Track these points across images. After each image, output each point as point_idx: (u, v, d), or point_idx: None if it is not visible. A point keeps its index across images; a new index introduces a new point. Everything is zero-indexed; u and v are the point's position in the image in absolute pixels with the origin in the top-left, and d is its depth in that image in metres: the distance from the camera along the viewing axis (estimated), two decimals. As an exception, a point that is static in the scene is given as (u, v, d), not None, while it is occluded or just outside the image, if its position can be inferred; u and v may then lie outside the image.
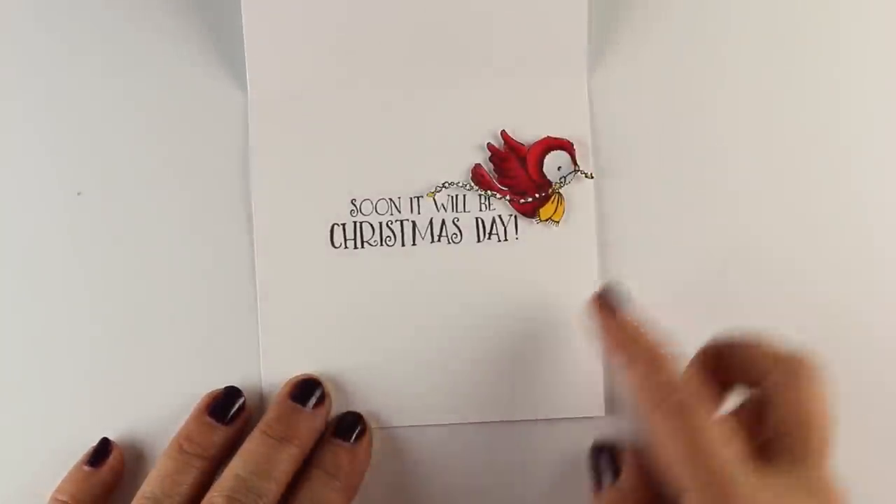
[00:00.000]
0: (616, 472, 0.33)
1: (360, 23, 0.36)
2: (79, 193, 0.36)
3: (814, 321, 0.36)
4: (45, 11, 0.36)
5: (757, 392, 0.31)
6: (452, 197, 0.36)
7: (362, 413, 0.35)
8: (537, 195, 0.36)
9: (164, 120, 0.36)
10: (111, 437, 0.35)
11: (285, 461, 0.33)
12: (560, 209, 0.36)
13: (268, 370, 0.36)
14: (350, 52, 0.36)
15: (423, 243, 0.36)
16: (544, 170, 0.36)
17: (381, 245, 0.36)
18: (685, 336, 0.36)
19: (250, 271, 0.36)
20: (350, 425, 0.35)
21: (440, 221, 0.36)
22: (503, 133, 0.36)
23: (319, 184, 0.36)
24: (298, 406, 0.34)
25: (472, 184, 0.36)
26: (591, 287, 0.36)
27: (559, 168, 0.36)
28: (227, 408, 0.35)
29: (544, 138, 0.36)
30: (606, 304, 0.33)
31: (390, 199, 0.36)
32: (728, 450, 0.28)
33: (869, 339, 0.36)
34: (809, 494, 0.27)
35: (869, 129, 0.37)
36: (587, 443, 0.35)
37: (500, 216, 0.36)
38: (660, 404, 0.29)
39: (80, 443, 0.35)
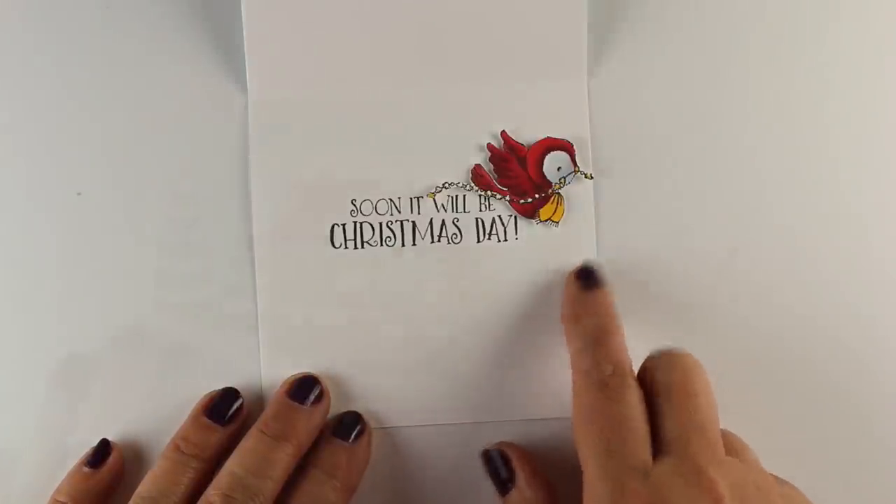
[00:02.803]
0: (512, 476, 0.33)
1: (361, 23, 0.36)
2: (79, 193, 0.36)
3: (813, 320, 0.36)
4: (45, 11, 0.36)
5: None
6: (452, 197, 0.36)
7: (362, 413, 0.35)
8: (537, 195, 0.36)
9: (165, 120, 0.36)
10: (111, 438, 0.35)
11: (282, 460, 0.33)
12: (560, 210, 0.36)
13: (267, 370, 0.36)
14: (350, 52, 0.36)
15: (423, 243, 0.36)
16: (544, 170, 0.36)
17: (381, 245, 0.36)
18: (684, 335, 0.36)
19: (250, 271, 0.36)
20: (349, 425, 0.35)
21: (440, 222, 0.36)
22: (503, 133, 0.36)
23: (319, 184, 0.36)
24: (296, 404, 0.34)
25: (472, 184, 0.36)
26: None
27: (559, 168, 0.36)
28: (224, 409, 0.35)
29: (544, 139, 0.36)
30: (582, 277, 0.34)
31: (390, 200, 0.36)
32: (636, 434, 0.29)
33: (868, 338, 0.36)
34: (686, 481, 0.28)
35: (869, 127, 0.37)
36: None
37: (500, 216, 0.36)
38: (588, 377, 0.31)
39: (80, 443, 0.35)
